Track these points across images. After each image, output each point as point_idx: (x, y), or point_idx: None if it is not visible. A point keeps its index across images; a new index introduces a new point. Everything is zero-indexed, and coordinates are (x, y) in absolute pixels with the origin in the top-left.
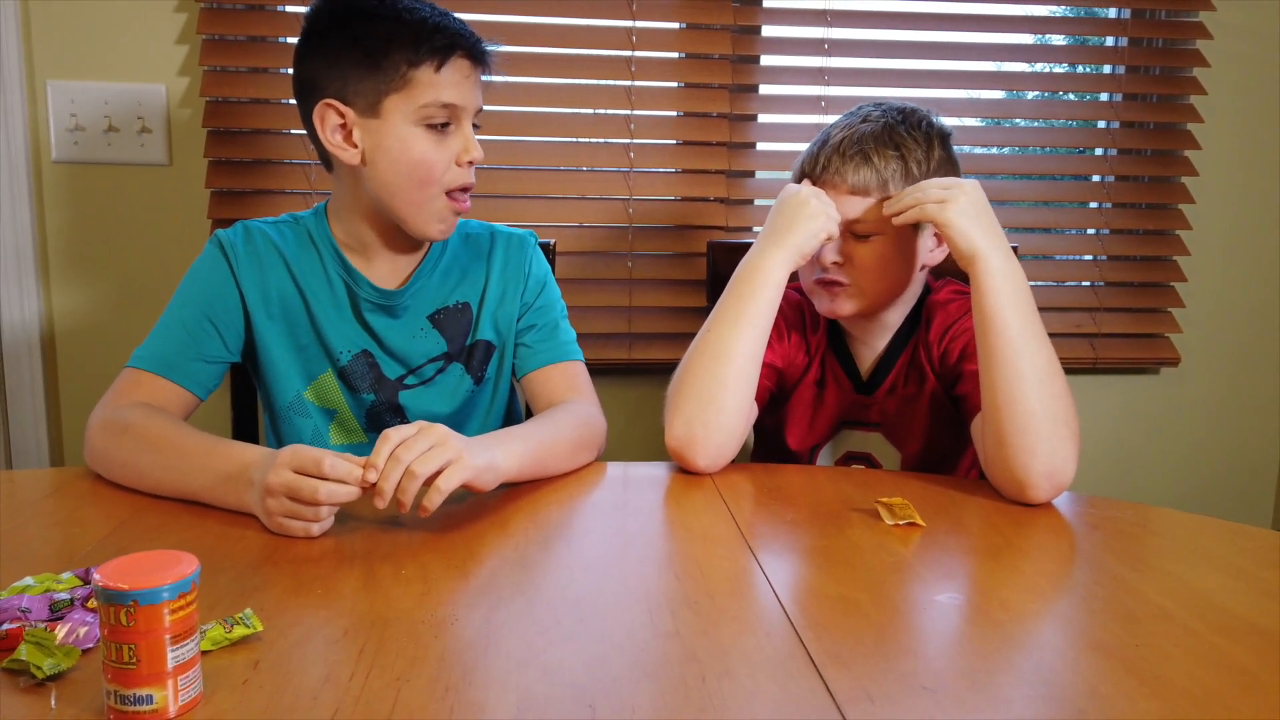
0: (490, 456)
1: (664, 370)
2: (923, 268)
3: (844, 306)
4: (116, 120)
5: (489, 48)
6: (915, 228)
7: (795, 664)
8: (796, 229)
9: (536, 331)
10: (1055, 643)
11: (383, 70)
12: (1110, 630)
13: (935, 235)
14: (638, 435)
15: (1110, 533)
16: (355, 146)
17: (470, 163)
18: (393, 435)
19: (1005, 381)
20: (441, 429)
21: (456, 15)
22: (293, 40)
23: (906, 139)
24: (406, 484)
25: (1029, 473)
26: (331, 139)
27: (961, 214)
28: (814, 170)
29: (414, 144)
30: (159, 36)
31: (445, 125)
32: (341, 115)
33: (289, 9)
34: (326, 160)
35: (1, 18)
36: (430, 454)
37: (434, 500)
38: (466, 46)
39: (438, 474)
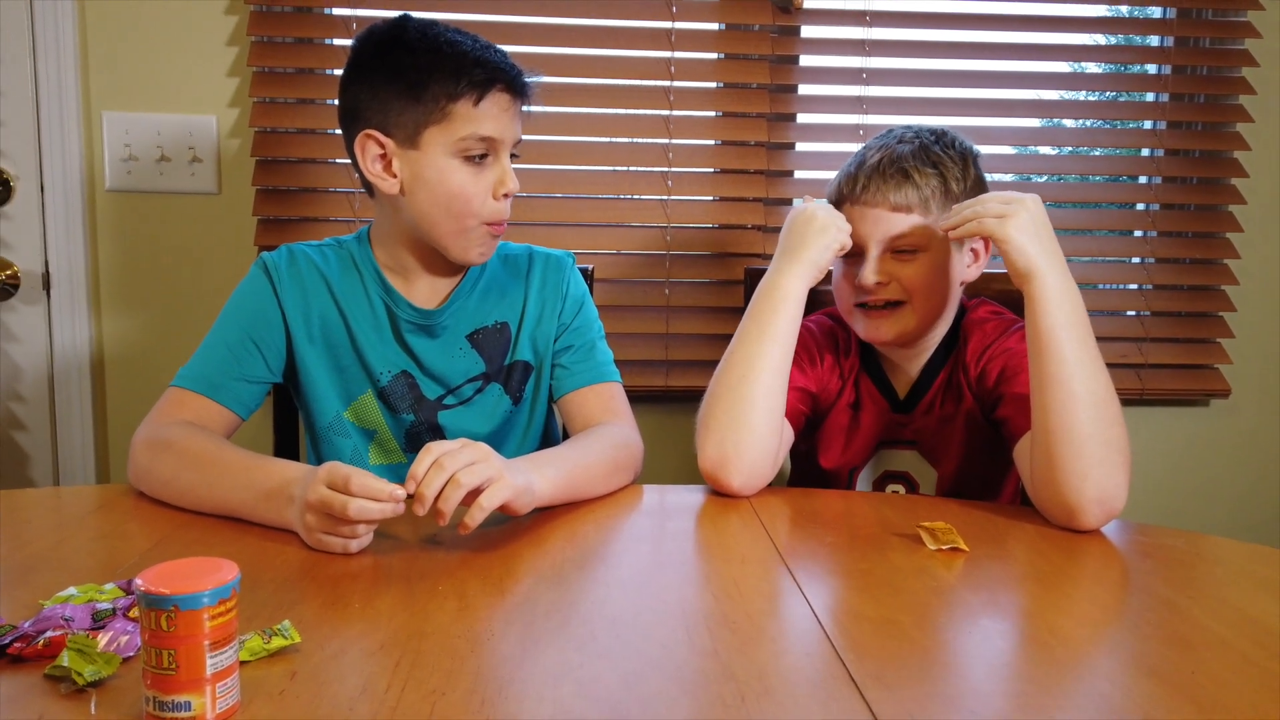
0: (528, 479)
1: (701, 397)
2: (960, 284)
3: (886, 331)
4: (168, 150)
5: (529, 80)
6: (954, 244)
7: (836, 685)
8: (808, 244)
9: (573, 353)
10: (1107, 669)
11: (422, 102)
12: (1165, 657)
13: (972, 250)
14: (674, 461)
15: (1162, 560)
16: (395, 176)
17: (506, 195)
18: (435, 447)
19: (1058, 404)
20: (484, 446)
21: (500, 48)
22: (339, 72)
23: (943, 157)
24: (449, 492)
25: (1080, 498)
26: (371, 168)
27: (1021, 230)
28: (853, 191)
29: (451, 175)
30: (211, 69)
31: (483, 157)
32: (381, 145)
33: (336, 42)
34: (369, 186)
35: (60, 52)
36: (474, 467)
37: (475, 517)
38: (506, 80)
39: (478, 492)
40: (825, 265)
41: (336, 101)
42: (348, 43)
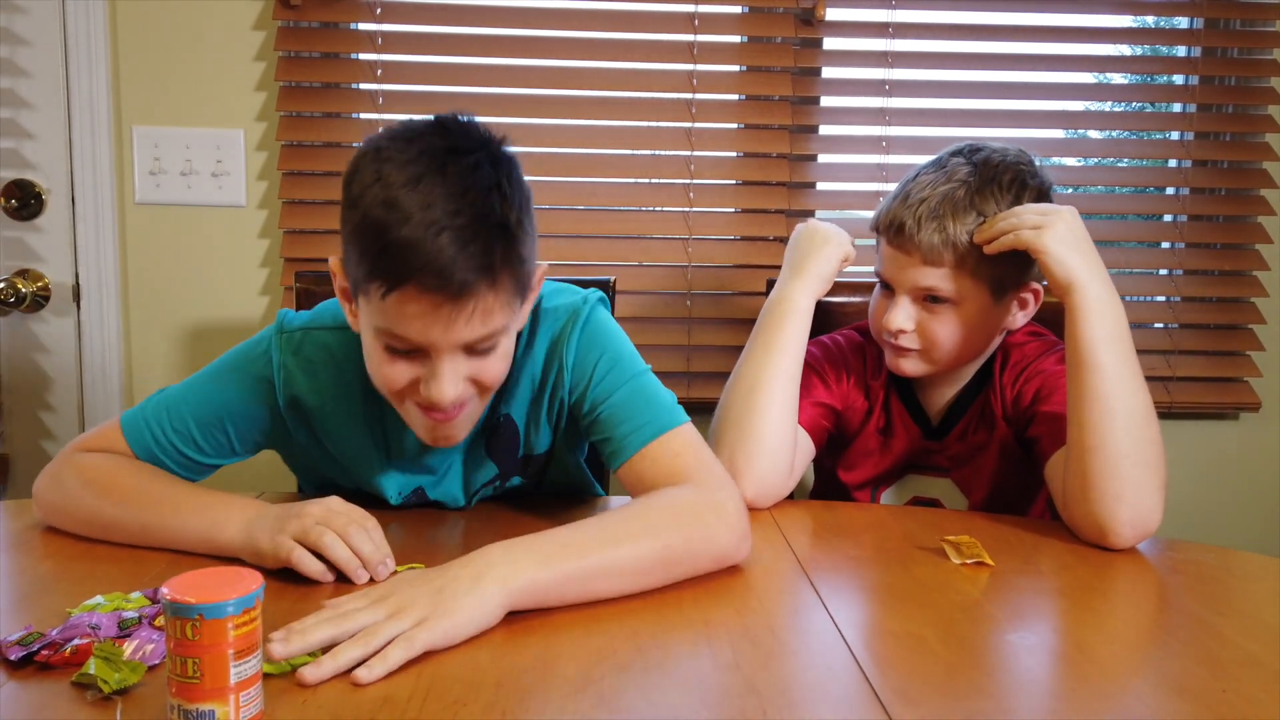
0: (471, 616)
1: None
2: (1003, 331)
3: (908, 369)
4: (197, 164)
5: (476, 279)
6: (993, 294)
7: (861, 700)
8: (813, 256)
9: (604, 425)
10: (1136, 686)
11: (353, 260)
12: (1195, 675)
13: (1019, 299)
14: None
15: (1192, 576)
16: (355, 315)
17: (433, 404)
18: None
19: (1097, 420)
20: (421, 583)
21: (459, 231)
22: (366, 87)
23: (989, 203)
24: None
25: (1113, 518)
26: (339, 291)
27: (1059, 240)
28: (889, 229)
29: (373, 354)
30: (239, 84)
31: (410, 353)
32: (344, 278)
33: (362, 57)
34: None
35: (93, 67)
36: (385, 626)
37: (375, 671)
38: (424, 279)
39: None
40: (830, 277)
41: (362, 115)
42: (373, 58)
